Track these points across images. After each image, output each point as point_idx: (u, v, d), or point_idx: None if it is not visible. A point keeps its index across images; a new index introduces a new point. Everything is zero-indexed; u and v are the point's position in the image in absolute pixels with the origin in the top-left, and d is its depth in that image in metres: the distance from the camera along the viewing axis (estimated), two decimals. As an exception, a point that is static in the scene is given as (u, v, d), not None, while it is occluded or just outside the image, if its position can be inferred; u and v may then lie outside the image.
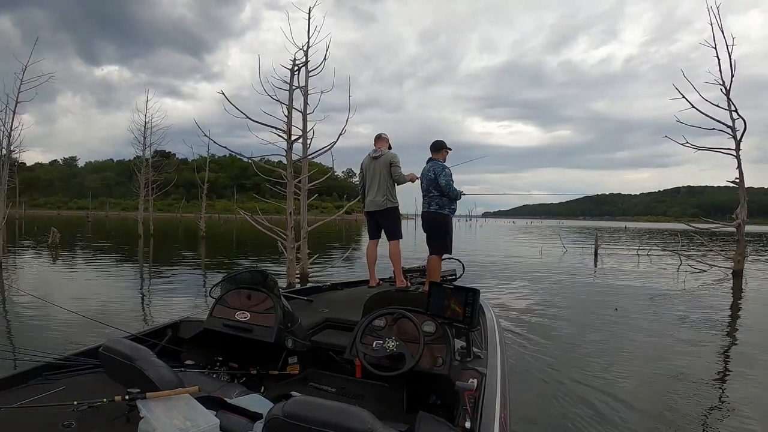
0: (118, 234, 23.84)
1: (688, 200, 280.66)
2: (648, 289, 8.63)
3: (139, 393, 1.39)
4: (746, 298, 8.26)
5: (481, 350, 2.19)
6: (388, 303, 2.23)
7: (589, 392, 3.36)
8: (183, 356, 2.41)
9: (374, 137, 4.65)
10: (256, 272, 2.52)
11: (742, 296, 8.48)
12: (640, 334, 5.25)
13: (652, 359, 4.32)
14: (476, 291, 2.00)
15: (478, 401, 1.65)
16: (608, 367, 3.98)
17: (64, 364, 1.82)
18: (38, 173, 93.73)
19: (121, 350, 1.54)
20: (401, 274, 4.29)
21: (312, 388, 2.39)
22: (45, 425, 1.39)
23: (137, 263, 11.95)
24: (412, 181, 4.54)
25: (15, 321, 5.25)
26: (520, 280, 9.47)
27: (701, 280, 10.23)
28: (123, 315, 5.60)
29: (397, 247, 4.38)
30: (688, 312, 6.57)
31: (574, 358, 4.27)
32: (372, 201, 4.47)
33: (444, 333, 2.02)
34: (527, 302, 7.04)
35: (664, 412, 3.08)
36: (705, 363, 4.30)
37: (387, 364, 1.96)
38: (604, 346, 4.73)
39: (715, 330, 5.66)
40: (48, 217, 52.34)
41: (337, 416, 1.08)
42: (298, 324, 2.45)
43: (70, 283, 8.29)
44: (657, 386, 3.59)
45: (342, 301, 3.46)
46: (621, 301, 7.21)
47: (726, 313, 6.88)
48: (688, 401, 3.30)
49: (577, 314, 6.34)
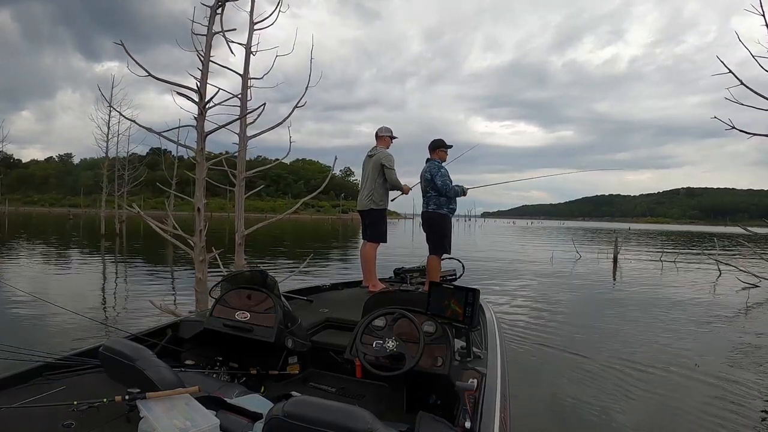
0: (84, 233, 23.54)
1: (688, 202, 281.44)
2: (713, 319, 6.48)
3: (139, 393, 1.39)
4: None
5: (481, 350, 2.20)
6: (388, 303, 2.23)
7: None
8: (183, 356, 2.41)
9: (375, 133, 4.61)
10: (256, 272, 2.52)
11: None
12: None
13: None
14: (476, 291, 2.00)
15: (478, 401, 1.65)
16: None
17: (64, 364, 1.82)
18: (33, 170, 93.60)
19: (121, 350, 1.54)
20: (373, 277, 4.20)
21: (312, 388, 2.39)
22: (45, 425, 1.39)
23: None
24: (405, 192, 4.52)
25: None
26: (532, 300, 7.56)
27: (758, 296, 8.14)
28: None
29: (372, 249, 4.32)
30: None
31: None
32: (360, 200, 4.49)
33: (444, 333, 2.02)
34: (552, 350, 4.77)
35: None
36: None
37: (387, 364, 1.96)
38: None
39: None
40: (38, 214, 52.11)
41: (337, 416, 1.08)
42: (298, 324, 2.45)
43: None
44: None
45: (342, 301, 3.46)
46: (689, 342, 5.11)
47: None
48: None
49: (638, 381, 3.86)
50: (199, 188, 4.98)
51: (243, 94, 5.51)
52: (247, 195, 5.88)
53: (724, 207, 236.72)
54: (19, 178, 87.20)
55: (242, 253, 5.69)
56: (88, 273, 9.56)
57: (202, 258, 4.91)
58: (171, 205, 21.10)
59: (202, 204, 4.94)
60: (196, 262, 4.90)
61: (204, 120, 4.86)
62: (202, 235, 4.91)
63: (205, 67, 4.91)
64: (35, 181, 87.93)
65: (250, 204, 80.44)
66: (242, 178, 5.72)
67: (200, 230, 4.90)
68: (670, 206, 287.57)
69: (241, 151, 5.69)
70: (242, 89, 5.50)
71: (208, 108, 4.83)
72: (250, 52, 5.58)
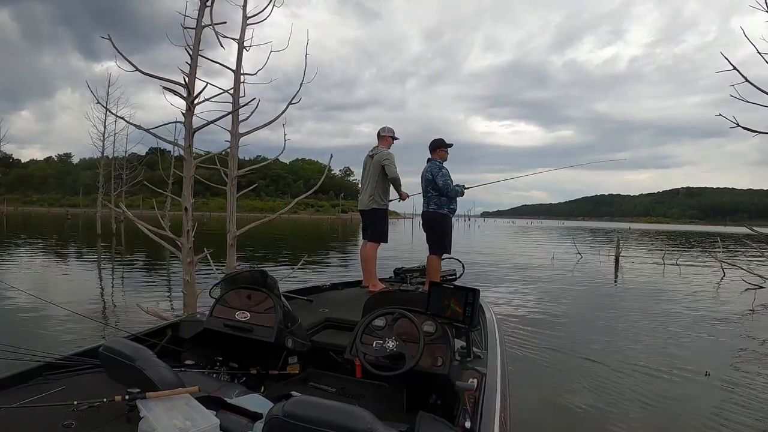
0: (81, 233, 23.44)
1: (687, 201, 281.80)
2: (718, 321, 6.32)
3: (139, 393, 1.39)
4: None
5: (481, 350, 2.20)
6: (388, 303, 2.23)
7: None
8: (183, 356, 2.41)
9: (377, 132, 4.61)
10: (256, 272, 2.52)
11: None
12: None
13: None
14: (476, 291, 2.00)
15: (478, 401, 1.65)
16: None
17: (64, 364, 1.82)
18: (32, 170, 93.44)
19: (121, 350, 1.54)
20: (373, 277, 4.19)
21: (312, 388, 2.39)
22: (45, 425, 1.39)
23: None
24: (403, 198, 4.52)
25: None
26: (533, 301, 7.52)
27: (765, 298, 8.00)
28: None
29: (373, 250, 4.31)
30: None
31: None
32: (361, 200, 4.49)
33: (444, 333, 2.03)
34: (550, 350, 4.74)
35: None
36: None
37: (387, 364, 1.96)
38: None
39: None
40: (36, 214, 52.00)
41: (337, 416, 1.08)
42: (298, 324, 2.45)
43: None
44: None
45: (342, 301, 3.46)
46: (699, 349, 4.90)
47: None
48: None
49: (644, 383, 3.82)
50: (187, 187, 4.74)
51: (235, 89, 5.32)
52: (240, 194, 5.68)
53: (724, 207, 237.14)
54: (18, 178, 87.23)
55: (234, 255, 5.45)
56: (76, 273, 9.51)
57: (190, 260, 4.67)
58: (168, 205, 21.22)
59: (189, 203, 4.71)
60: (183, 264, 4.70)
61: (192, 116, 4.65)
62: (189, 235, 4.66)
63: (193, 61, 4.69)
64: (34, 181, 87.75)
65: (249, 204, 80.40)
66: (234, 177, 5.49)
67: (187, 231, 4.63)
68: (670, 206, 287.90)
69: (233, 149, 5.46)
70: (234, 84, 5.33)
71: (197, 104, 4.68)
72: (243, 47, 5.41)
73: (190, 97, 4.59)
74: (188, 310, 4.46)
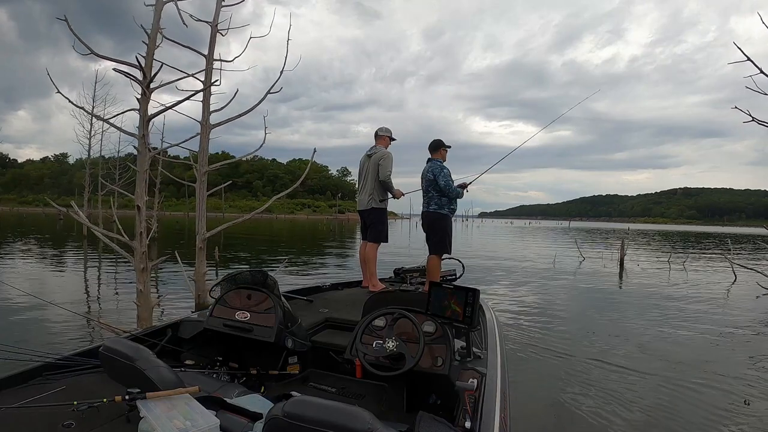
0: (73, 233, 22.74)
1: (685, 202, 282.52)
2: (739, 328, 5.95)
3: (139, 393, 1.39)
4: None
5: (481, 350, 2.20)
6: (388, 303, 2.23)
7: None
8: (183, 356, 2.41)
9: (374, 132, 4.61)
10: (256, 272, 2.52)
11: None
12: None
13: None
14: (476, 291, 2.00)
15: (478, 401, 1.65)
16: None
17: (64, 364, 1.82)
18: (28, 170, 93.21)
19: (121, 350, 1.54)
20: (374, 277, 4.20)
21: (312, 388, 2.39)
22: (45, 425, 1.39)
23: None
24: (396, 197, 4.50)
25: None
26: (533, 301, 7.36)
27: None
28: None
29: (373, 250, 4.30)
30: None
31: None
32: (360, 200, 4.48)
33: (444, 333, 2.03)
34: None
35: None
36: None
37: (387, 364, 1.96)
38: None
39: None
40: (30, 214, 51.67)
41: (337, 416, 1.08)
42: (298, 324, 2.45)
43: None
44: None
45: (342, 301, 3.46)
46: (738, 373, 4.17)
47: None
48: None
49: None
50: (140, 183, 4.04)
51: (207, 75, 4.97)
52: (210, 192, 5.32)
53: (721, 207, 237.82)
54: (14, 178, 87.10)
55: (203, 259, 4.95)
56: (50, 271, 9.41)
57: (144, 266, 3.99)
58: (156, 205, 20.95)
59: (143, 201, 4.07)
60: (137, 271, 4.02)
61: (148, 102, 4.07)
62: (143, 238, 4.03)
63: (151, 41, 4.08)
64: (30, 181, 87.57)
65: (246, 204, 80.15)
66: (204, 173, 5.03)
67: (141, 233, 4.00)
68: (668, 206, 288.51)
69: (204, 140, 5.02)
70: (206, 71, 4.98)
71: (154, 89, 4.09)
72: (216, 30, 5.15)
73: (146, 80, 4.02)
74: (142, 324, 3.90)
